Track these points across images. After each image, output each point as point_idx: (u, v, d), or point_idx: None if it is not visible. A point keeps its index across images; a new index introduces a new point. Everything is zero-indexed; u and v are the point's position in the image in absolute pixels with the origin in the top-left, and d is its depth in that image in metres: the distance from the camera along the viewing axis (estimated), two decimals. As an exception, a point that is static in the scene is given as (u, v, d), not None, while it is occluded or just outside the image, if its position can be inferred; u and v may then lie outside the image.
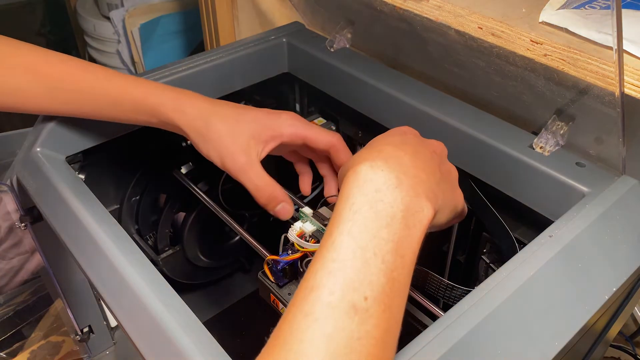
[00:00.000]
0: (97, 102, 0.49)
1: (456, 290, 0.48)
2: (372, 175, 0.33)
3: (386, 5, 0.61)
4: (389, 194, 0.32)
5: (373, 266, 0.30)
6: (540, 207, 0.51)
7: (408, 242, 0.32)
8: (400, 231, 0.32)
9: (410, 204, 0.33)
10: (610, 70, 0.45)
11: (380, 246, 0.31)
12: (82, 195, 0.50)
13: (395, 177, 0.33)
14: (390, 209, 0.32)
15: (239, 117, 0.47)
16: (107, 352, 0.81)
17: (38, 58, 0.48)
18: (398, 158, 0.34)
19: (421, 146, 0.38)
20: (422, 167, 0.35)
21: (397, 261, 0.31)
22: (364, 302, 0.28)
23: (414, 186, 0.33)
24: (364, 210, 0.32)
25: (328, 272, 0.30)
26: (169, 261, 0.75)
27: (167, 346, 0.37)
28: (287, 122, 0.48)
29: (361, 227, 0.31)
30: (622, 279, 0.43)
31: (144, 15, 1.46)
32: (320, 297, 0.29)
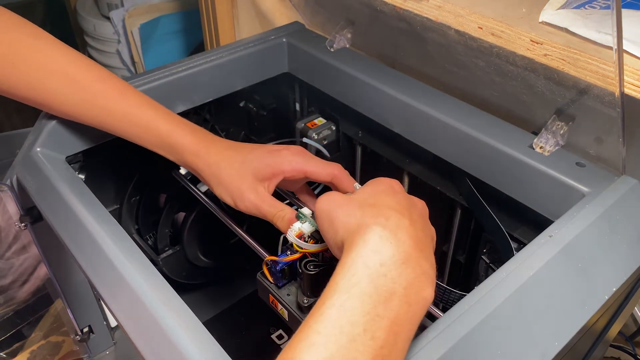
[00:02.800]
0: (125, 127, 0.51)
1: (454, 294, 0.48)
2: (380, 247, 0.32)
3: (386, 5, 0.61)
4: (393, 270, 0.31)
5: (360, 343, 0.29)
6: (540, 207, 0.51)
7: (407, 319, 0.31)
8: (399, 308, 0.31)
9: (414, 281, 0.32)
10: (610, 70, 0.45)
11: (374, 322, 0.29)
12: (82, 195, 0.50)
13: (404, 252, 0.32)
14: (392, 285, 0.31)
15: (244, 159, 0.49)
16: (107, 352, 0.81)
17: (80, 69, 0.50)
18: (405, 229, 0.33)
19: (415, 213, 0.37)
20: (423, 240, 0.35)
21: (389, 338, 0.29)
22: None
23: (420, 262, 0.33)
24: (362, 284, 0.30)
25: (310, 344, 0.29)
26: (169, 261, 0.75)
27: (167, 346, 0.37)
28: (287, 160, 0.49)
29: (355, 302, 0.30)
30: (622, 279, 0.43)
31: (144, 15, 1.46)
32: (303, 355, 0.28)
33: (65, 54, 0.50)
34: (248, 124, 0.79)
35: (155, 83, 0.63)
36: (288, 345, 0.29)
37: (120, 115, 0.50)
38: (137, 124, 0.51)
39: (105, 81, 0.51)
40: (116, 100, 0.50)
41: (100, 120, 0.51)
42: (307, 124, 0.72)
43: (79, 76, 0.50)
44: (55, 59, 0.49)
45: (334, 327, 0.29)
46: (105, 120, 0.51)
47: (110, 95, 0.50)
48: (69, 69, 0.49)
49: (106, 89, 0.50)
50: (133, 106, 0.51)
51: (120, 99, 0.50)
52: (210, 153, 0.50)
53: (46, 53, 0.49)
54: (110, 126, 0.51)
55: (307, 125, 0.71)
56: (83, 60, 0.51)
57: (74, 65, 0.50)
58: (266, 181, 0.49)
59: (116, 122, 0.51)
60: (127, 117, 0.51)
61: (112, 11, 1.45)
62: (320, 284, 0.44)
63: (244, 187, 0.48)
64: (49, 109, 0.52)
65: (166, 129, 0.50)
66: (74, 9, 1.61)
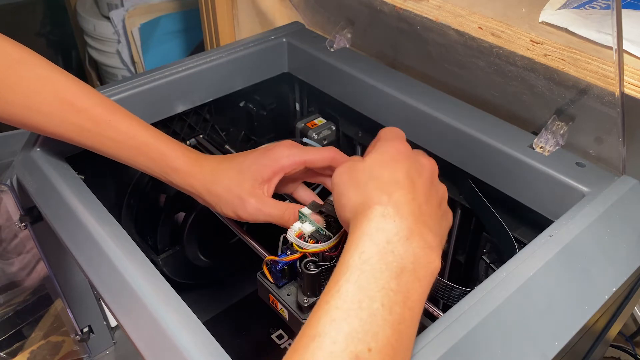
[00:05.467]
0: (118, 151, 0.50)
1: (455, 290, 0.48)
2: (383, 225, 0.33)
3: (386, 5, 0.61)
4: (399, 246, 0.32)
5: (380, 317, 0.29)
6: (540, 207, 0.51)
7: (417, 294, 0.32)
8: (410, 283, 0.31)
9: (421, 255, 0.33)
10: (610, 70, 0.45)
11: (389, 297, 0.30)
12: (82, 195, 0.50)
13: (407, 228, 0.33)
14: (401, 261, 0.32)
15: (240, 167, 0.49)
16: (107, 352, 0.81)
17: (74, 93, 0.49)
18: (408, 205, 0.34)
19: (421, 181, 0.37)
20: (429, 213, 0.35)
21: (405, 313, 0.30)
22: (367, 354, 0.28)
23: (424, 236, 0.33)
24: (373, 261, 0.31)
25: (331, 319, 0.29)
26: (169, 261, 0.75)
27: (167, 346, 0.37)
28: (283, 154, 0.49)
29: (370, 277, 0.31)
30: (622, 279, 0.43)
31: (144, 15, 1.46)
32: (322, 345, 0.28)
33: (60, 78, 0.49)
34: (248, 124, 0.79)
35: (155, 83, 0.63)
36: (307, 323, 0.30)
37: (111, 140, 0.50)
38: (131, 147, 0.50)
39: (98, 105, 0.50)
40: (108, 124, 0.49)
41: (94, 144, 0.50)
42: (307, 124, 0.72)
43: (76, 100, 0.49)
44: (48, 82, 0.48)
45: (352, 302, 0.30)
46: (100, 144, 0.50)
47: (103, 120, 0.49)
48: (65, 93, 0.48)
49: (100, 112, 0.49)
50: (124, 130, 0.50)
51: (112, 123, 0.49)
52: (204, 171, 0.49)
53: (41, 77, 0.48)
54: (104, 150, 0.50)
55: (307, 125, 0.71)
56: (77, 84, 0.50)
57: (71, 91, 0.49)
58: (265, 183, 0.49)
59: (108, 147, 0.50)
60: (120, 142, 0.50)
61: (112, 11, 1.45)
62: (321, 284, 0.44)
63: (243, 195, 0.48)
64: (45, 132, 0.50)
65: (159, 152, 0.50)
66: (74, 9, 1.61)
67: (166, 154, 0.50)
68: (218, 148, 0.71)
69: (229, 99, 0.71)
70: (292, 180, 0.53)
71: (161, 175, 0.50)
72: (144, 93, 0.62)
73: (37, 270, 0.74)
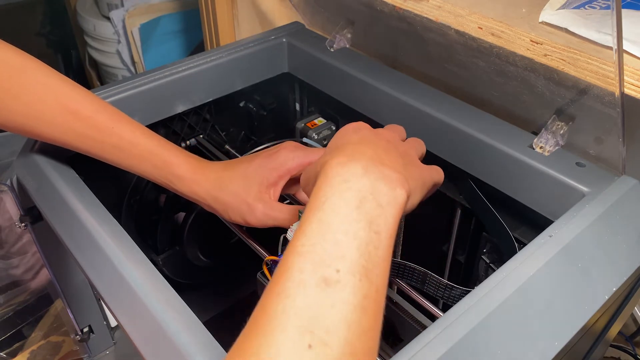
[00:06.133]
0: (123, 157, 0.50)
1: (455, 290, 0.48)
2: (339, 170, 0.34)
3: (386, 5, 0.61)
4: (356, 182, 0.33)
5: (344, 244, 0.30)
6: (540, 207, 0.51)
7: (382, 219, 0.32)
8: (373, 210, 0.32)
9: (380, 186, 0.33)
10: (610, 70, 0.45)
11: (351, 225, 0.31)
12: (82, 195, 0.50)
13: (361, 167, 0.34)
14: (359, 193, 0.32)
15: (245, 173, 0.49)
16: (107, 352, 0.81)
17: (77, 100, 0.49)
18: (362, 152, 0.35)
19: (377, 138, 0.39)
20: (384, 157, 0.36)
21: (371, 236, 0.31)
22: (335, 274, 0.29)
23: (382, 171, 0.34)
24: (333, 200, 0.32)
25: (298, 254, 0.30)
26: (169, 261, 0.75)
27: (167, 346, 0.37)
28: (288, 157, 0.49)
29: (330, 213, 0.32)
30: (622, 279, 0.43)
31: (144, 15, 1.46)
32: (290, 277, 0.29)
33: (63, 86, 0.49)
34: (248, 124, 0.79)
35: (155, 83, 0.63)
36: (278, 265, 0.31)
37: (115, 147, 0.50)
38: (134, 154, 0.50)
39: (101, 112, 0.50)
40: (111, 132, 0.49)
41: (97, 152, 0.50)
42: (307, 124, 0.72)
43: (80, 108, 0.49)
44: (49, 89, 0.48)
45: (316, 237, 0.30)
46: (101, 150, 0.50)
47: (106, 128, 0.49)
48: (67, 101, 0.48)
49: (103, 120, 0.49)
50: (127, 138, 0.50)
51: (115, 131, 0.49)
52: (209, 179, 0.49)
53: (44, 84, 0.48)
54: (107, 157, 0.50)
55: (307, 125, 0.71)
56: (80, 91, 0.50)
57: (74, 99, 0.49)
58: (272, 187, 0.49)
59: (111, 154, 0.50)
60: (123, 149, 0.50)
61: (112, 11, 1.45)
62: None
63: (250, 201, 0.48)
64: (47, 139, 0.50)
65: (162, 160, 0.50)
66: (74, 9, 1.61)
67: (170, 162, 0.50)
68: (218, 148, 0.71)
69: (229, 99, 0.71)
70: (294, 182, 0.54)
71: (165, 182, 0.50)
72: (144, 93, 0.62)
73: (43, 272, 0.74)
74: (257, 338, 0.27)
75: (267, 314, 0.28)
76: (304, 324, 0.27)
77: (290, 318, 0.27)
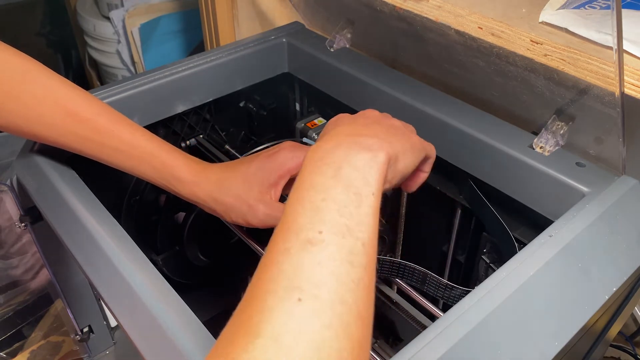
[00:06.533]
0: (124, 159, 0.50)
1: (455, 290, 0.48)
2: (314, 153, 0.35)
3: (386, 5, 0.61)
4: (330, 155, 0.34)
5: (324, 208, 0.31)
6: (540, 207, 0.51)
7: (361, 180, 0.33)
8: (349, 174, 0.33)
9: (354, 153, 0.34)
10: (610, 70, 0.45)
11: (329, 192, 0.32)
12: (82, 195, 0.50)
13: (334, 143, 0.35)
14: (334, 164, 0.33)
15: (246, 174, 0.49)
16: (107, 352, 0.81)
17: (77, 102, 0.49)
18: (337, 132, 0.37)
19: (354, 118, 0.41)
20: (362, 129, 0.37)
21: (350, 198, 0.32)
22: (318, 235, 0.30)
23: (356, 141, 0.35)
24: (311, 177, 0.33)
25: (281, 230, 0.31)
26: (169, 261, 0.75)
27: (167, 346, 0.37)
28: (288, 157, 0.49)
29: (308, 186, 0.33)
30: (622, 279, 0.43)
31: (144, 15, 1.46)
32: (275, 246, 0.30)
33: (63, 88, 0.49)
34: (248, 124, 0.79)
35: (155, 83, 0.63)
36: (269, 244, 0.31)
37: (115, 150, 0.50)
38: (134, 156, 0.50)
39: (101, 114, 0.50)
40: (112, 134, 0.49)
41: (97, 154, 0.50)
42: (307, 124, 0.72)
43: (80, 110, 0.49)
44: (51, 91, 0.48)
45: (295, 210, 0.32)
46: (102, 153, 0.50)
47: (107, 130, 0.49)
48: (68, 103, 0.48)
49: (103, 122, 0.49)
50: (127, 140, 0.50)
51: (115, 133, 0.49)
52: (210, 181, 0.49)
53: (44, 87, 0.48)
54: (107, 160, 0.50)
55: (307, 125, 0.71)
56: (80, 93, 0.50)
57: (74, 101, 0.49)
58: (272, 188, 0.49)
59: (112, 156, 0.50)
60: (123, 152, 0.50)
61: (112, 11, 1.45)
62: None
63: (251, 202, 0.48)
64: (47, 140, 0.50)
65: (162, 162, 0.50)
66: (74, 9, 1.61)
67: (170, 164, 0.50)
68: (218, 148, 0.71)
69: (229, 99, 0.71)
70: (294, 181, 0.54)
71: (165, 185, 0.50)
72: (144, 93, 0.62)
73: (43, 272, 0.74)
74: (250, 305, 0.28)
75: (257, 285, 0.29)
76: (292, 283, 0.28)
77: (278, 281, 0.28)
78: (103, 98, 0.60)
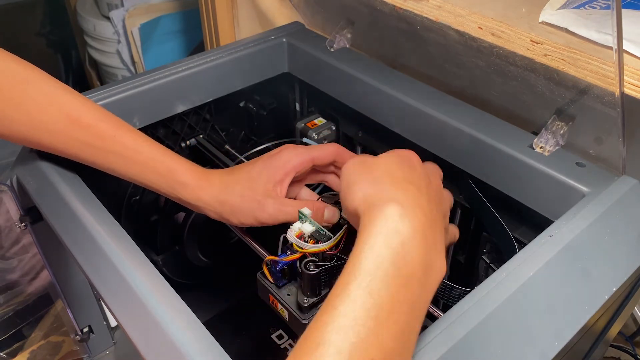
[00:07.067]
0: (127, 165, 0.50)
1: (455, 290, 0.48)
2: (400, 227, 0.32)
3: (386, 5, 0.61)
4: (413, 251, 0.32)
5: (385, 327, 0.29)
6: (540, 207, 0.51)
7: (423, 302, 0.32)
8: (418, 292, 0.31)
9: (431, 262, 0.33)
10: (610, 70, 0.45)
11: (397, 306, 0.30)
12: (82, 195, 0.50)
13: (421, 232, 0.32)
14: (411, 268, 0.31)
15: (250, 174, 0.49)
16: (107, 352, 0.81)
17: (79, 109, 0.49)
18: (422, 207, 0.34)
19: (431, 187, 0.38)
20: (437, 218, 0.35)
21: (409, 321, 0.30)
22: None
23: (436, 243, 0.33)
24: (386, 266, 0.31)
25: (338, 327, 0.28)
26: (169, 261, 0.75)
27: (167, 346, 0.37)
28: (291, 155, 0.50)
29: (380, 284, 0.30)
30: (622, 279, 0.43)
31: (144, 15, 1.46)
32: (325, 354, 0.28)
33: (65, 95, 0.49)
34: (248, 124, 0.79)
35: (155, 83, 0.63)
36: (313, 325, 0.29)
37: (118, 156, 0.49)
38: (138, 162, 0.50)
39: (104, 120, 0.50)
40: (114, 140, 0.49)
41: (100, 161, 0.50)
42: (307, 124, 0.72)
43: (82, 116, 0.49)
44: (53, 99, 0.48)
45: (361, 309, 0.29)
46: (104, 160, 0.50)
47: (109, 136, 0.49)
48: (70, 110, 0.48)
49: (105, 128, 0.49)
50: (130, 145, 0.50)
51: (118, 139, 0.49)
52: (214, 184, 0.49)
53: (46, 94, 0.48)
54: (110, 167, 0.50)
55: (307, 125, 0.71)
56: (82, 100, 0.50)
57: (76, 107, 0.49)
58: (278, 185, 0.49)
59: (115, 163, 0.50)
60: (126, 157, 0.50)
61: (112, 11, 1.45)
62: (321, 284, 0.44)
63: (259, 198, 0.48)
64: (49, 148, 0.50)
65: (166, 167, 0.50)
66: (74, 9, 1.61)
67: (174, 169, 0.50)
68: (218, 148, 0.71)
69: (229, 99, 0.71)
70: (297, 182, 0.54)
71: (169, 190, 0.50)
72: (144, 93, 0.62)
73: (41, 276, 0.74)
74: None
75: None
76: None
77: None
78: (103, 98, 0.60)
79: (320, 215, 0.49)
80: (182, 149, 0.71)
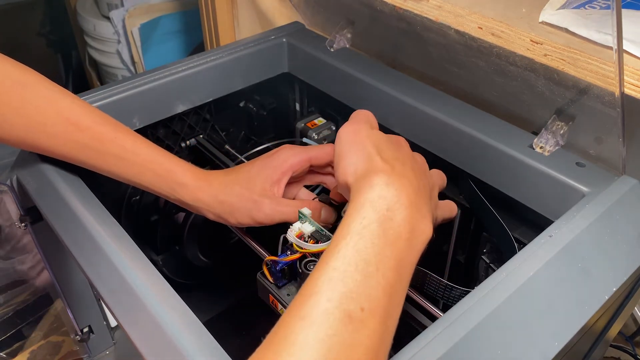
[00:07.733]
0: (126, 167, 0.50)
1: (455, 290, 0.48)
2: (385, 193, 0.35)
3: (386, 5, 0.61)
4: (398, 214, 0.34)
5: (374, 280, 0.31)
6: (540, 207, 0.51)
7: (409, 261, 0.34)
8: (404, 251, 0.34)
9: (416, 224, 0.35)
10: (610, 70, 0.45)
11: (383, 262, 0.32)
12: (82, 195, 0.50)
13: (406, 197, 0.35)
14: (398, 228, 0.34)
15: (249, 175, 0.50)
16: (107, 352, 0.81)
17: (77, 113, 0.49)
18: (408, 179, 0.37)
19: (416, 164, 0.41)
20: (423, 190, 0.38)
21: (396, 277, 0.33)
22: (359, 313, 0.30)
23: (420, 207, 0.36)
24: (373, 227, 0.33)
25: (329, 279, 0.31)
26: (169, 261, 0.75)
27: (167, 346, 0.37)
28: (289, 154, 0.50)
29: (368, 242, 0.33)
30: (622, 279, 0.43)
31: (144, 15, 1.46)
32: (317, 302, 0.30)
33: (62, 98, 0.49)
34: (248, 124, 0.79)
35: (155, 83, 0.63)
36: (306, 282, 0.32)
37: (117, 158, 0.49)
38: (136, 163, 0.50)
39: (102, 123, 0.50)
40: (113, 142, 0.49)
41: (99, 163, 0.50)
42: (307, 124, 0.72)
43: (81, 120, 0.49)
44: (53, 103, 0.48)
45: (349, 264, 0.32)
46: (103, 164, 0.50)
47: (108, 138, 0.49)
48: (69, 114, 0.48)
49: (104, 131, 0.49)
50: (129, 147, 0.50)
51: (117, 141, 0.49)
52: (213, 184, 0.50)
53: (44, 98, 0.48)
54: (109, 170, 0.50)
55: (307, 125, 0.71)
56: (80, 103, 0.50)
57: (75, 111, 0.49)
58: (275, 185, 0.49)
59: (114, 165, 0.50)
60: (125, 159, 0.50)
61: (112, 11, 1.45)
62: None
63: (256, 197, 0.48)
64: (48, 153, 0.50)
65: (165, 168, 0.50)
66: (74, 9, 1.61)
67: (173, 170, 0.50)
68: (218, 148, 0.71)
69: (229, 99, 0.71)
70: (295, 183, 0.54)
71: (168, 192, 0.50)
72: (144, 93, 0.62)
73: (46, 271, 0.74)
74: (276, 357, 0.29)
75: (289, 339, 0.29)
76: (321, 357, 0.28)
77: (310, 350, 0.28)
78: (103, 98, 0.60)
79: (317, 215, 0.49)
80: (182, 149, 0.71)
